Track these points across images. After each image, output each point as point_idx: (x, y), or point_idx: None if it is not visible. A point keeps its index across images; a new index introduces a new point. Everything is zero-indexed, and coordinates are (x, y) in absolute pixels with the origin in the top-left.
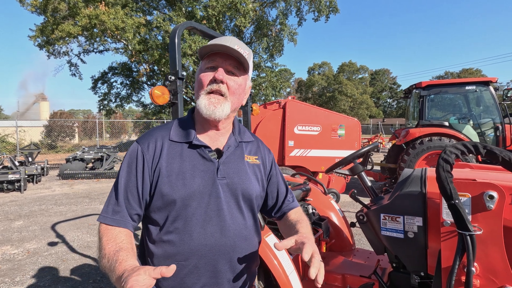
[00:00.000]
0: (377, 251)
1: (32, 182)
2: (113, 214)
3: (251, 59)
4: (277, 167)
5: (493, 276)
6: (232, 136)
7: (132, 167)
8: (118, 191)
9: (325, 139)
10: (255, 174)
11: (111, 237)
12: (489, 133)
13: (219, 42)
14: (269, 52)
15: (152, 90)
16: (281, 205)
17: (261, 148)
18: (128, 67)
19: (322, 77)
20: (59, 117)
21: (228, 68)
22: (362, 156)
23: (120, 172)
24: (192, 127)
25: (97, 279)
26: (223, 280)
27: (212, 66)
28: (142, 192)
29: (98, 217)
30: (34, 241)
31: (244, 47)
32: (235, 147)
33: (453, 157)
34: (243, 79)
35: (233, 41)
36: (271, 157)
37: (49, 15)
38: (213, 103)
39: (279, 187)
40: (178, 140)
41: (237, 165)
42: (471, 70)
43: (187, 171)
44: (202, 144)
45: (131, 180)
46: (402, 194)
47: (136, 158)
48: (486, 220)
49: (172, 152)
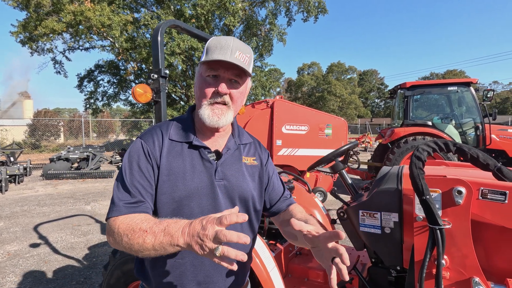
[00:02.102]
0: (357, 247)
1: (14, 183)
2: (127, 204)
3: (251, 61)
4: (272, 165)
5: (461, 268)
6: (232, 139)
7: (138, 163)
8: (127, 186)
9: (312, 138)
10: (252, 175)
11: (139, 219)
12: (470, 133)
13: (220, 55)
14: (259, 51)
15: (134, 88)
16: (277, 202)
17: (259, 148)
18: (115, 65)
19: (311, 77)
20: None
21: (230, 77)
22: (342, 154)
23: (123, 169)
24: (192, 127)
25: (80, 280)
26: (218, 278)
27: (214, 75)
28: (150, 188)
29: (108, 215)
30: (15, 243)
31: (245, 50)
32: (234, 150)
33: (425, 154)
34: (244, 85)
35: (234, 47)
36: (268, 156)
37: (32, 10)
38: (217, 114)
39: (276, 184)
40: (178, 140)
41: (235, 167)
42: (455, 71)
43: (187, 171)
44: (202, 145)
45: (137, 175)
46: (379, 191)
47: (140, 154)
48: (455, 215)
49: (173, 151)
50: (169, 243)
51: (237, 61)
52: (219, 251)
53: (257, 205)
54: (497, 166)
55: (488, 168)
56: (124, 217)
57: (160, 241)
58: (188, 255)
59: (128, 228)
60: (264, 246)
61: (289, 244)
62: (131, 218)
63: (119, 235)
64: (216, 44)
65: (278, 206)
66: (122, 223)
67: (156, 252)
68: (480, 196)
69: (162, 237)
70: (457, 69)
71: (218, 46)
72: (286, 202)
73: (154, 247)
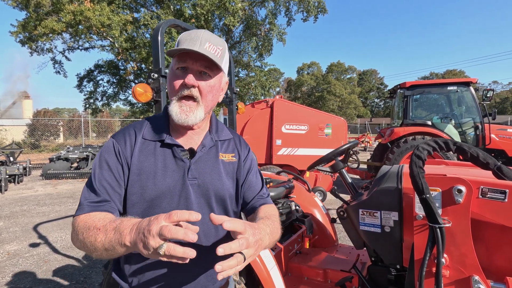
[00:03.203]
0: (357, 246)
1: (14, 183)
2: (91, 203)
3: (226, 54)
4: (253, 161)
5: (461, 267)
6: (208, 135)
7: (107, 162)
8: (94, 185)
9: (312, 138)
10: (230, 173)
11: (97, 218)
12: (469, 132)
13: (188, 46)
14: (258, 51)
15: (134, 87)
16: (252, 199)
17: (239, 144)
18: (114, 65)
19: (311, 77)
20: (43, 116)
21: (199, 68)
22: (342, 154)
23: (93, 169)
24: (166, 126)
25: (80, 279)
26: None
27: (183, 67)
28: (119, 187)
29: (74, 215)
30: (14, 243)
31: (216, 42)
32: (210, 147)
33: (425, 153)
34: (217, 78)
35: (203, 39)
36: (248, 152)
37: (32, 10)
38: (185, 112)
39: (253, 181)
40: (150, 139)
41: (210, 164)
42: (455, 71)
43: (159, 170)
44: (175, 143)
45: (106, 174)
46: (379, 190)
47: (111, 153)
48: (455, 213)
49: (145, 151)
50: (118, 241)
51: (205, 52)
52: (163, 249)
53: (235, 204)
54: (497, 165)
55: (488, 167)
56: (84, 215)
57: (110, 239)
58: None
59: (85, 226)
60: None
61: (289, 243)
62: (90, 217)
63: (76, 233)
64: (186, 37)
65: (253, 205)
66: (81, 221)
67: (107, 252)
68: (480, 195)
69: (112, 235)
70: (456, 69)
71: (188, 38)
72: (260, 201)
73: (104, 246)
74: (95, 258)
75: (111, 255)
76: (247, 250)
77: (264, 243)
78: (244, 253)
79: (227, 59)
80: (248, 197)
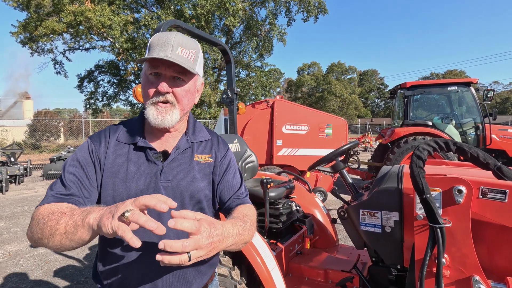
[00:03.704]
0: (358, 246)
1: (15, 183)
2: (58, 194)
3: (200, 55)
4: (232, 161)
5: (462, 267)
6: (184, 137)
7: (79, 159)
8: (63, 179)
9: (312, 138)
10: (206, 174)
11: (64, 206)
12: (470, 133)
13: (160, 52)
14: (259, 51)
15: (135, 88)
16: (228, 200)
17: (216, 145)
18: (115, 66)
19: (311, 77)
20: (44, 116)
21: (173, 74)
22: (343, 154)
23: (65, 165)
24: (141, 128)
25: (81, 280)
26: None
27: (156, 73)
28: (89, 184)
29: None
30: (15, 243)
31: (189, 45)
32: (184, 148)
33: (425, 153)
34: (191, 82)
35: (175, 43)
36: (226, 151)
37: (32, 11)
38: (161, 113)
39: (229, 181)
40: (124, 141)
41: (185, 166)
42: (456, 71)
43: (131, 173)
44: (147, 146)
45: (77, 171)
46: (379, 190)
47: (85, 152)
48: (455, 213)
49: (119, 153)
50: (81, 221)
51: (177, 58)
52: (128, 214)
53: (212, 205)
54: (497, 165)
55: (488, 167)
56: (50, 204)
57: (74, 220)
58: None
59: (49, 212)
60: (265, 245)
61: (290, 243)
62: (56, 205)
63: (37, 220)
64: (157, 41)
65: (229, 205)
66: (44, 209)
67: (65, 236)
68: (480, 195)
69: (77, 216)
70: (457, 69)
71: (159, 42)
72: (237, 201)
73: (66, 228)
74: (49, 247)
75: (69, 241)
76: (196, 251)
77: (225, 244)
78: (190, 253)
79: (201, 60)
80: (225, 197)
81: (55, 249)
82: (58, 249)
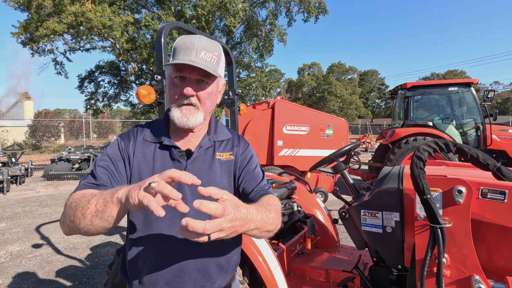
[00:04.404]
0: (359, 246)
1: (16, 183)
2: (89, 183)
3: (222, 58)
4: (253, 157)
5: (462, 267)
6: (206, 137)
7: (110, 155)
8: (94, 172)
9: (313, 139)
10: (227, 171)
11: (94, 190)
12: (471, 133)
13: (184, 56)
14: (259, 52)
15: (138, 89)
16: (251, 191)
17: (237, 142)
18: (115, 66)
19: (311, 77)
20: (44, 117)
21: (197, 77)
22: (344, 155)
23: (96, 161)
24: (165, 128)
25: (83, 280)
26: (187, 279)
27: (181, 76)
28: (119, 177)
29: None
30: (17, 243)
31: (212, 48)
32: (207, 147)
33: (426, 154)
34: (214, 84)
35: (199, 47)
36: (246, 147)
37: (33, 11)
38: (186, 115)
39: (251, 174)
40: (151, 140)
41: (207, 164)
42: (456, 71)
43: (156, 170)
44: (172, 144)
45: (108, 164)
46: (380, 190)
47: (115, 148)
48: (455, 214)
49: (146, 151)
50: (111, 197)
51: (201, 62)
52: (154, 184)
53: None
54: (497, 166)
55: (488, 168)
56: (82, 191)
57: (104, 198)
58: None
59: (80, 195)
60: (267, 245)
61: (291, 243)
62: (87, 190)
63: (69, 205)
64: (182, 45)
65: (253, 198)
66: (76, 195)
67: (96, 215)
68: (480, 195)
69: (106, 194)
70: (458, 69)
71: (184, 46)
72: (260, 193)
73: (96, 207)
74: (80, 231)
75: (99, 219)
76: (216, 233)
77: (246, 228)
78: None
79: (223, 62)
80: (248, 189)
81: (86, 230)
82: (89, 229)
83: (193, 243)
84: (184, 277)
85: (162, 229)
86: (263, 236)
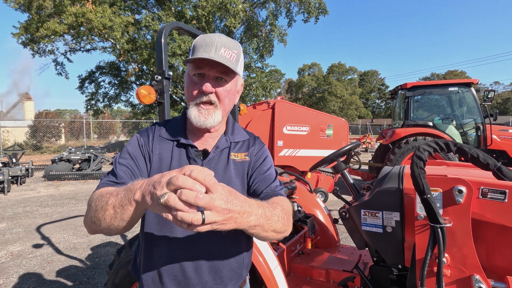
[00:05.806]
0: (359, 246)
1: (16, 184)
2: (109, 181)
3: (241, 57)
4: (267, 157)
5: (462, 266)
6: (223, 137)
7: (130, 152)
8: (114, 170)
9: (313, 139)
10: (240, 173)
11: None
12: (471, 133)
13: (204, 52)
14: (259, 52)
15: (138, 89)
16: (261, 192)
17: (252, 143)
18: (116, 67)
19: (312, 78)
20: (45, 117)
21: (216, 74)
22: (344, 155)
23: (116, 158)
24: (183, 127)
25: (83, 280)
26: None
27: (199, 73)
28: (139, 174)
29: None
30: (18, 244)
31: (231, 46)
32: (223, 148)
33: (426, 154)
34: (233, 82)
35: (219, 44)
36: (261, 148)
37: (34, 12)
38: (204, 115)
39: (263, 175)
40: (168, 138)
41: (222, 166)
42: (456, 72)
43: (173, 168)
44: (189, 143)
45: (128, 162)
46: (381, 190)
47: (134, 145)
48: (455, 213)
49: (163, 149)
50: (127, 198)
51: (221, 58)
52: (165, 198)
53: None
54: (497, 166)
55: (488, 168)
56: (101, 189)
57: (120, 198)
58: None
59: (100, 194)
60: (267, 245)
61: (292, 243)
62: (106, 189)
63: (90, 205)
64: (201, 42)
65: (263, 199)
66: (96, 193)
67: (115, 216)
68: (480, 195)
69: (123, 194)
70: (458, 69)
71: (203, 43)
72: (270, 194)
73: (114, 207)
74: (102, 231)
75: (119, 220)
76: (210, 213)
77: (246, 220)
78: (205, 215)
79: (242, 61)
80: (259, 190)
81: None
82: (109, 227)
83: (207, 243)
84: (194, 279)
85: (175, 228)
86: (270, 237)
